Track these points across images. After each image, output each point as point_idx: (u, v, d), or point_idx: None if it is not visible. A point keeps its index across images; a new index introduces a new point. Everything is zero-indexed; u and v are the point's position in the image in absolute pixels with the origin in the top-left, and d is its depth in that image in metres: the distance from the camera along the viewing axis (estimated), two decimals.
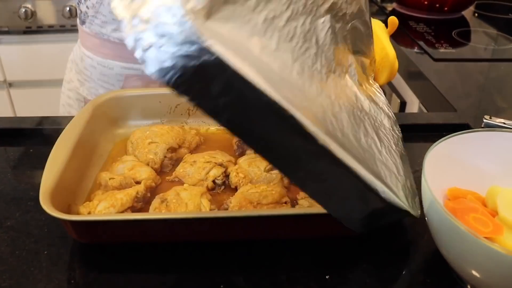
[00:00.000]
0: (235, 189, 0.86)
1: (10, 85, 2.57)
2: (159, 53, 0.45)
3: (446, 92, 1.26)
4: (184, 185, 0.85)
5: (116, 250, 0.76)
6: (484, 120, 1.06)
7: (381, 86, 0.90)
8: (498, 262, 0.59)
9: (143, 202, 0.83)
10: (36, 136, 1.07)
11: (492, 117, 1.07)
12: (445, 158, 0.76)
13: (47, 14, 2.36)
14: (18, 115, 2.65)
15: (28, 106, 2.62)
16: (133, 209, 0.80)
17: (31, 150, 1.03)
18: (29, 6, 2.32)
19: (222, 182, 0.88)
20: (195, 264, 0.74)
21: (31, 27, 2.40)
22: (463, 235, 0.61)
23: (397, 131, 0.81)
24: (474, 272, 0.63)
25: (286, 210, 0.77)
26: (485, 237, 0.65)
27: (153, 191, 0.86)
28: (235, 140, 0.99)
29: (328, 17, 0.63)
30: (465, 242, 0.61)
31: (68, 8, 2.31)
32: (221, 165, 0.89)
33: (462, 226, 0.61)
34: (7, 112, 2.62)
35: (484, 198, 0.75)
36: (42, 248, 0.76)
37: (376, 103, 0.77)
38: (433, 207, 0.66)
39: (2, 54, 2.46)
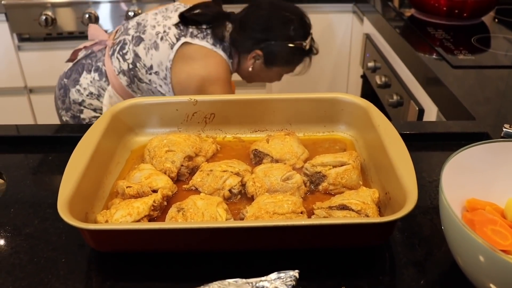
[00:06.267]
0: (252, 198, 0.87)
1: (31, 91, 2.61)
2: None
3: (465, 99, 1.25)
4: (201, 194, 0.86)
5: (133, 258, 0.77)
6: (504, 129, 1.05)
7: None
8: None
9: (159, 211, 0.83)
10: (55, 143, 1.08)
11: None
12: (464, 168, 0.75)
13: (67, 21, 2.39)
14: (38, 121, 2.69)
15: (48, 112, 2.64)
16: (150, 218, 0.81)
17: (50, 158, 1.05)
18: (49, 13, 2.35)
19: (238, 191, 0.88)
20: (211, 273, 0.74)
21: (51, 34, 2.44)
22: (480, 248, 0.60)
23: None
24: (492, 286, 0.62)
25: (302, 220, 0.76)
26: (504, 250, 0.64)
27: (169, 200, 0.87)
28: (252, 148, 0.99)
29: None
30: (483, 255, 0.60)
31: (87, 15, 2.34)
32: (237, 174, 0.89)
33: (479, 238, 0.60)
34: (27, 118, 2.66)
35: (503, 210, 0.74)
36: (60, 256, 0.77)
37: None
38: (449, 219, 0.65)
39: (23, 60, 2.50)
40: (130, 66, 1.59)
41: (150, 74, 1.58)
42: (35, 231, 0.83)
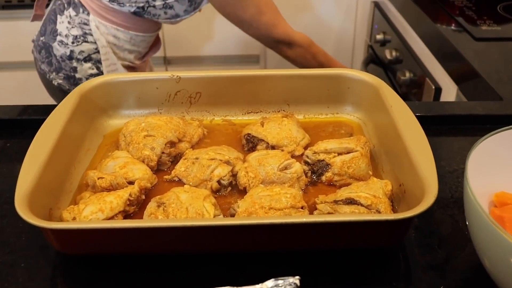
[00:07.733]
0: (244, 191, 0.85)
1: None
2: None
3: (489, 77, 1.24)
4: (185, 186, 0.84)
5: (105, 262, 0.75)
6: None
7: None
8: None
9: (136, 206, 0.82)
10: (15, 128, 1.06)
11: None
12: (491, 157, 0.73)
13: None
14: None
15: (9, 91, 2.62)
16: (125, 214, 0.80)
17: (8, 144, 1.03)
18: None
19: (228, 182, 0.87)
20: (197, 279, 0.73)
21: (11, 1, 2.40)
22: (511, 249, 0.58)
23: None
24: None
25: (303, 217, 0.74)
26: None
27: (148, 193, 0.85)
28: (244, 133, 0.98)
29: None
30: None
31: None
32: (227, 162, 0.88)
33: (510, 238, 0.58)
34: None
35: None
36: (18, 260, 0.75)
37: None
38: (476, 215, 0.64)
39: None
40: None
41: None
42: None
